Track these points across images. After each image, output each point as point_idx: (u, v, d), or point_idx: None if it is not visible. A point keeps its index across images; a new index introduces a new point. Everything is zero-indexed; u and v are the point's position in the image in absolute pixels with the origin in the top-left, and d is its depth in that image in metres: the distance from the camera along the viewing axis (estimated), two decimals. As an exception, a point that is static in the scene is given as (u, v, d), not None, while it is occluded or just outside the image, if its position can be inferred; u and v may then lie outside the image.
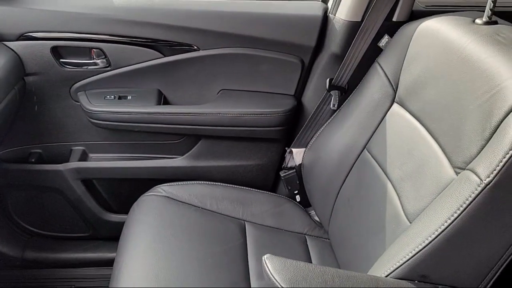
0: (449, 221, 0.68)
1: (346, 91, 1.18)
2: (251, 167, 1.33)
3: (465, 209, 0.67)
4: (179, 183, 1.21)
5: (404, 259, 0.72)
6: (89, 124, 1.27)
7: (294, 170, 1.27)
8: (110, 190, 1.35)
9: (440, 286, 0.72)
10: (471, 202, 0.66)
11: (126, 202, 1.22)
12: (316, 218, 1.26)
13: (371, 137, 1.06)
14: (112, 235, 1.27)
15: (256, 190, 1.27)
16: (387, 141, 1.01)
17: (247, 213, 1.20)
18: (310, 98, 1.28)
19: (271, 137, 1.28)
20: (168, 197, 1.17)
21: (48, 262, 1.35)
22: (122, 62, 1.19)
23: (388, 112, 1.03)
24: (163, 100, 1.26)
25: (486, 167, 0.66)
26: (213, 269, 0.99)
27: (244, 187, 1.26)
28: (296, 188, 1.29)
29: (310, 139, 1.23)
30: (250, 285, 1.00)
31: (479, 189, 0.65)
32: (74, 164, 1.27)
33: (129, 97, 1.23)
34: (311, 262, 1.12)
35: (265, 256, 0.69)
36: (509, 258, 0.72)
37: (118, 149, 1.32)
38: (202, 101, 1.27)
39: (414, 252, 0.71)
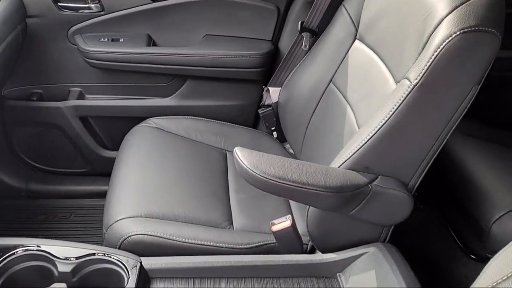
0: (385, 119, 0.82)
1: (316, 33, 1.31)
2: (233, 107, 1.47)
3: (398, 108, 0.81)
4: (168, 117, 1.35)
5: (351, 153, 0.87)
6: (86, 67, 1.40)
7: (271, 108, 1.41)
8: (105, 128, 1.49)
9: (380, 176, 0.87)
10: (402, 101, 0.81)
11: (120, 140, 1.35)
12: (291, 151, 1.41)
13: (336, 71, 1.20)
14: (108, 171, 1.41)
15: (237, 125, 1.42)
16: (349, 73, 1.16)
17: (229, 144, 1.35)
18: (285, 43, 1.41)
19: (251, 78, 1.42)
20: (157, 128, 1.31)
21: (50, 194, 1.50)
22: (115, 6, 1.32)
23: (351, 48, 1.17)
24: (152, 43, 1.39)
25: (415, 72, 0.80)
26: (197, 182, 1.14)
27: (227, 123, 1.41)
28: (273, 125, 1.43)
29: (285, 78, 1.37)
30: (229, 197, 1.15)
31: (409, 90, 0.80)
32: (72, 102, 1.41)
33: (121, 40, 1.36)
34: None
35: (236, 148, 0.84)
36: (437, 152, 0.87)
37: (112, 90, 1.45)
38: (188, 45, 1.40)
39: (358, 147, 0.86)
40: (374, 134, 0.84)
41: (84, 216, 1.47)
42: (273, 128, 1.44)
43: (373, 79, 1.03)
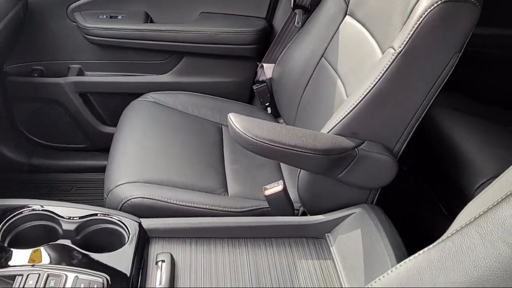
0: (371, 86, 0.87)
1: (308, 10, 1.35)
2: (228, 83, 1.51)
3: (383, 75, 0.86)
4: (165, 92, 1.40)
5: (339, 120, 0.91)
6: (85, 44, 1.44)
7: (265, 84, 1.46)
8: (104, 104, 1.53)
9: (366, 141, 0.92)
10: (387, 69, 0.85)
11: (119, 116, 1.39)
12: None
13: (327, 46, 1.24)
14: (107, 146, 1.45)
15: (232, 100, 1.47)
16: (339, 47, 1.20)
17: (224, 118, 1.39)
18: (279, 20, 1.45)
19: (245, 55, 1.46)
20: (155, 102, 1.35)
21: (52, 168, 1.54)
22: (113, -17, 1.36)
23: (341, 24, 1.21)
24: (149, 20, 1.43)
25: (399, 40, 0.84)
26: (193, 153, 1.19)
27: (222, 98, 1.45)
28: (267, 100, 1.48)
29: (279, 55, 1.41)
30: (224, 167, 1.20)
31: (393, 57, 0.84)
32: (72, 78, 1.45)
33: (119, 17, 1.40)
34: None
35: (229, 114, 0.89)
36: (419, 119, 0.92)
37: (110, 67, 1.49)
38: (184, 23, 1.44)
39: (346, 114, 0.90)
40: (360, 101, 0.89)
41: (85, 189, 1.52)
42: (267, 104, 1.49)
43: (362, 52, 1.07)
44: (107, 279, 0.78)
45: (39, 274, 0.74)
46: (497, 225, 0.54)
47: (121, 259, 0.83)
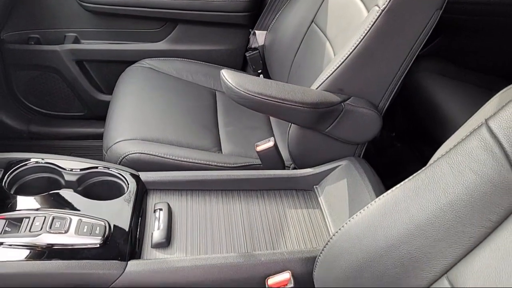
0: (356, 43, 0.92)
1: (299, -23, 1.38)
2: (221, 51, 1.55)
3: (367, 32, 0.90)
4: (160, 58, 1.44)
5: (326, 77, 0.96)
6: (81, 12, 1.47)
7: (258, 51, 1.50)
8: (100, 72, 1.57)
9: (352, 97, 0.97)
10: (371, 26, 0.90)
11: (115, 84, 1.44)
12: (277, 92, 1.50)
13: (317, 11, 1.28)
14: (103, 114, 1.50)
15: (226, 67, 1.50)
16: (329, 11, 1.24)
17: (218, 84, 1.43)
18: (271, -12, 1.48)
19: (238, 22, 1.50)
20: (150, 68, 1.39)
21: (50, 135, 1.59)
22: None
23: (331, -11, 1.25)
24: (143, -12, 1.46)
25: (384, -2, 0.89)
26: (188, 115, 1.24)
27: (216, 65, 1.49)
28: (260, 67, 1.52)
29: (271, 22, 1.45)
30: (218, 132, 1.25)
31: (378, 15, 0.89)
32: (68, 46, 1.48)
33: (114, -16, 1.43)
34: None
35: (222, 70, 0.93)
36: (402, 76, 0.97)
37: (106, 36, 1.52)
38: (178, -9, 1.47)
39: (332, 71, 0.95)
40: (346, 59, 0.93)
41: (82, 156, 1.56)
42: (259, 71, 1.53)
43: (350, 14, 1.11)
44: (108, 223, 0.83)
45: (45, 216, 0.79)
46: (465, 156, 0.60)
47: (121, 207, 0.88)
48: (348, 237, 0.69)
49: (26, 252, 0.75)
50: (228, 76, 0.90)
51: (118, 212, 0.87)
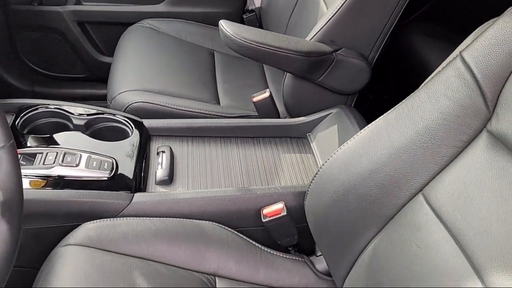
0: (347, -5, 0.97)
1: None
2: (219, 13, 1.59)
3: (358, -16, 0.96)
4: (160, 19, 1.48)
5: (318, 29, 1.02)
6: (82, -26, 1.51)
7: (254, 13, 1.54)
8: (102, 34, 1.61)
9: (344, 48, 1.02)
10: (362, -21, 0.95)
11: (116, 46, 1.48)
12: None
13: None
14: (105, 76, 1.55)
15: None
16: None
17: (216, 45, 1.48)
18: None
19: (236, -16, 1.54)
20: (151, 28, 1.44)
21: (54, 96, 1.62)
22: None
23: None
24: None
25: (373, -49, 0.94)
26: (188, 71, 1.29)
27: (214, 26, 1.54)
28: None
29: (267, -16, 1.50)
30: (216, 87, 1.31)
31: (367, -33, 0.94)
32: (71, 7, 1.52)
33: None
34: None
35: (220, 21, 0.99)
36: (391, 28, 1.02)
37: (106, -2, 1.57)
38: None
39: (324, 23, 1.01)
40: (337, 11, 0.99)
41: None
42: (256, 33, 1.58)
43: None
44: (115, 160, 0.89)
45: (57, 152, 0.86)
46: (441, 84, 0.66)
47: (127, 147, 0.94)
48: (336, 165, 0.76)
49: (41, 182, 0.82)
50: (226, 26, 0.95)
51: (124, 152, 0.93)
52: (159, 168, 0.93)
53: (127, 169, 0.89)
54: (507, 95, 0.60)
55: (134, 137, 0.98)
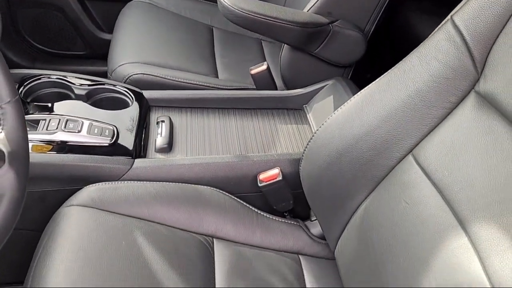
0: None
1: None
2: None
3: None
4: (159, -6, 1.50)
5: (315, 1, 1.03)
6: (81, -50, 1.51)
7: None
8: (101, 11, 1.62)
9: (340, 20, 1.04)
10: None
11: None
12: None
13: None
14: (105, 53, 1.56)
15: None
16: None
17: (215, 21, 1.50)
18: None
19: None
20: (150, 3, 1.45)
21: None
22: None
23: None
24: None
25: None
26: (187, 47, 1.31)
27: (212, 2, 1.55)
28: (256, 6, 1.58)
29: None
30: (215, 62, 1.32)
31: None
32: (71, -17, 1.53)
33: None
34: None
35: (220, -7, 1.00)
36: (387, 1, 1.04)
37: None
38: None
39: (322, -8, 1.02)
40: (334, -18, 1.00)
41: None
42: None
43: None
44: (116, 128, 0.92)
45: (60, 119, 0.88)
46: (431, 48, 0.68)
47: (127, 116, 0.96)
48: (329, 129, 0.78)
49: (44, 147, 0.85)
50: (224, -3, 0.97)
51: (124, 120, 0.95)
52: (158, 136, 0.96)
53: (128, 136, 0.92)
54: (495, 56, 0.62)
55: (134, 107, 1.00)
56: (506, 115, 0.59)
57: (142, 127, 0.98)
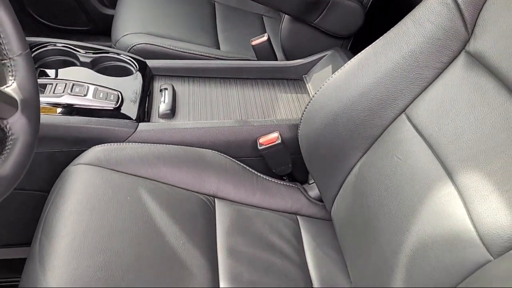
0: None
1: None
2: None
3: None
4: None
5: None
6: None
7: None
8: (105, -15, 1.64)
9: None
10: None
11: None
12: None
13: None
14: (108, 29, 1.58)
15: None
16: None
17: (216, -5, 1.52)
18: None
19: None
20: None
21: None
22: None
23: None
24: None
25: None
26: (189, 20, 1.34)
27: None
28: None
29: None
30: (217, 35, 1.35)
31: None
32: (73, -43, 1.55)
33: None
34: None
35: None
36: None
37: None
38: None
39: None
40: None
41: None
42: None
43: None
44: (121, 94, 0.95)
45: (66, 83, 0.91)
46: (425, 10, 0.71)
47: (131, 83, 0.99)
48: (327, 92, 0.81)
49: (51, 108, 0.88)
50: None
51: (128, 87, 0.98)
52: (161, 103, 0.99)
53: (132, 102, 0.95)
54: (485, 17, 0.65)
55: (138, 75, 1.03)
56: (494, 72, 0.61)
57: (146, 95, 1.01)
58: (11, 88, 0.54)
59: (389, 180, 0.69)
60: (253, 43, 1.14)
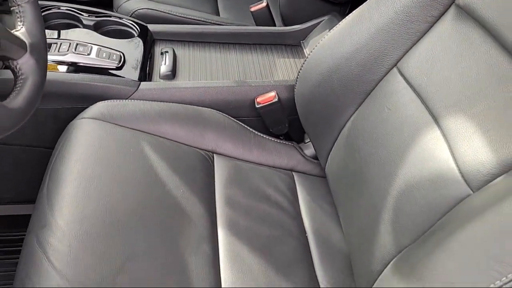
0: None
1: None
2: None
3: None
4: None
5: None
6: None
7: None
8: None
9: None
10: None
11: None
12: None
13: None
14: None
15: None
16: None
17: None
18: None
19: None
20: None
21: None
22: None
23: None
24: None
25: None
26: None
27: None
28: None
29: None
30: (217, 4, 1.37)
31: None
32: None
33: None
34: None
35: None
36: None
37: None
38: None
39: None
40: None
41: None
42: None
43: None
44: (123, 54, 0.98)
45: (70, 43, 0.94)
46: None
47: (133, 45, 1.02)
48: (322, 50, 0.84)
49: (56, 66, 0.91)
50: None
51: (130, 49, 1.01)
52: (162, 65, 1.01)
53: (134, 62, 0.98)
54: (474, -30, 0.67)
55: (140, 38, 1.05)
56: (482, 23, 0.64)
57: (147, 57, 1.03)
58: (20, 32, 0.57)
59: (379, 130, 0.72)
60: (252, 9, 1.16)
